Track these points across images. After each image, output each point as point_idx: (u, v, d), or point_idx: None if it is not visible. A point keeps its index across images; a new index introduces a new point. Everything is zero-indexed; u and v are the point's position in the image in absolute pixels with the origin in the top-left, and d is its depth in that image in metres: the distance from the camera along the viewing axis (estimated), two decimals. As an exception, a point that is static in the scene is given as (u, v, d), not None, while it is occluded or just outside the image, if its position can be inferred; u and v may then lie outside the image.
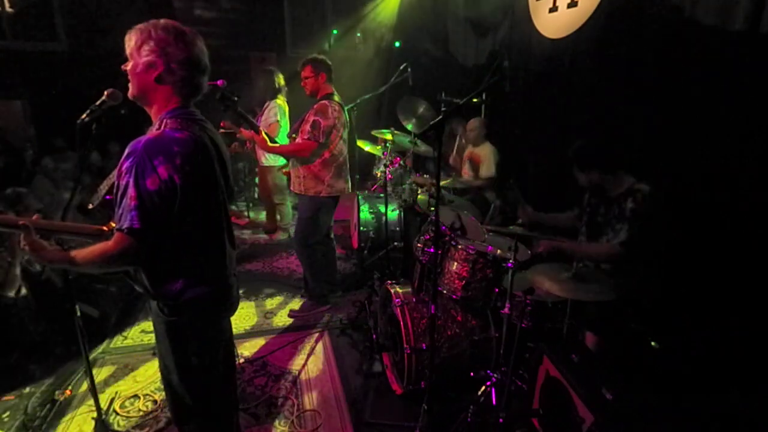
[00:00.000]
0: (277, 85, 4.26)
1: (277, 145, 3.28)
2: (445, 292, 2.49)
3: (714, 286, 2.16)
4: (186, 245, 1.43)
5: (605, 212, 2.27)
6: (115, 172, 1.37)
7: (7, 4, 5.49)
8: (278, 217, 4.92)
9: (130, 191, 1.28)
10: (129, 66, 1.41)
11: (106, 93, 1.67)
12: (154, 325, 1.59)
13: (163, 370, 1.61)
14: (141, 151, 1.30)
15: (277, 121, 4.15)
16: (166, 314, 1.48)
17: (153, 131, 1.39)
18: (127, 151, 1.32)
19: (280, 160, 4.41)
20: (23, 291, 2.89)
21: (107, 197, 1.45)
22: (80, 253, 1.34)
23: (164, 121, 1.39)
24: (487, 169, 3.81)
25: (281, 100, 4.27)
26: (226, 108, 3.27)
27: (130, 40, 1.39)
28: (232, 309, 1.68)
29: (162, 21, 1.40)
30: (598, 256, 2.25)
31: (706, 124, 2.20)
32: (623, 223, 2.14)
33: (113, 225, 1.36)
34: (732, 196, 2.09)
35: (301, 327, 3.23)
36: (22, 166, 4.96)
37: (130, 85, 1.44)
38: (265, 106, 4.29)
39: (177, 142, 1.34)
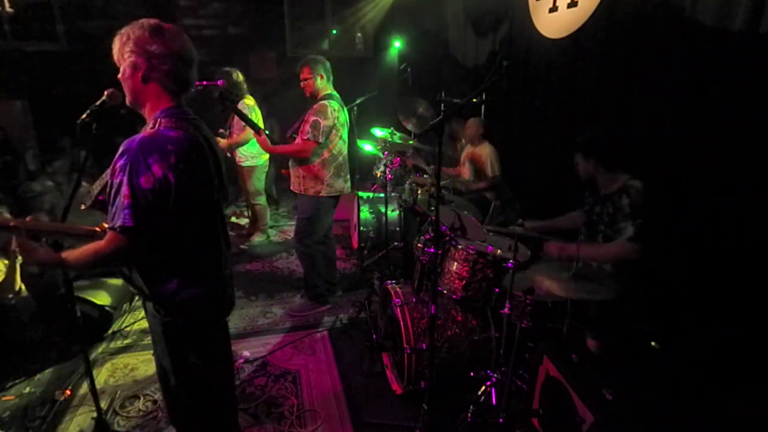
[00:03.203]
0: (236, 86, 4.04)
1: (278, 146, 3.27)
2: (445, 292, 2.49)
3: (714, 286, 2.16)
4: (180, 245, 1.42)
5: (600, 211, 2.27)
6: (108, 172, 1.35)
7: (7, 5, 5.49)
8: (255, 218, 4.77)
9: (124, 189, 1.27)
10: (120, 74, 1.42)
11: (106, 93, 1.67)
12: (150, 326, 1.59)
13: (160, 371, 1.60)
14: (135, 149, 1.29)
15: None
16: (162, 315, 1.47)
17: (147, 130, 1.38)
18: (121, 149, 1.31)
19: (260, 160, 4.35)
20: (23, 292, 2.89)
21: (100, 197, 1.43)
22: (72, 254, 1.33)
23: (159, 120, 1.39)
24: (492, 169, 3.79)
25: (249, 99, 4.11)
26: (225, 108, 3.24)
27: (114, 47, 1.39)
28: (228, 309, 1.67)
29: (140, 20, 1.39)
30: (613, 257, 2.17)
31: (706, 124, 2.20)
32: (626, 220, 2.12)
33: (106, 226, 1.34)
34: (732, 196, 2.09)
35: (301, 327, 3.23)
36: (22, 166, 4.95)
37: (125, 92, 1.44)
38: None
39: (171, 141, 1.34)
